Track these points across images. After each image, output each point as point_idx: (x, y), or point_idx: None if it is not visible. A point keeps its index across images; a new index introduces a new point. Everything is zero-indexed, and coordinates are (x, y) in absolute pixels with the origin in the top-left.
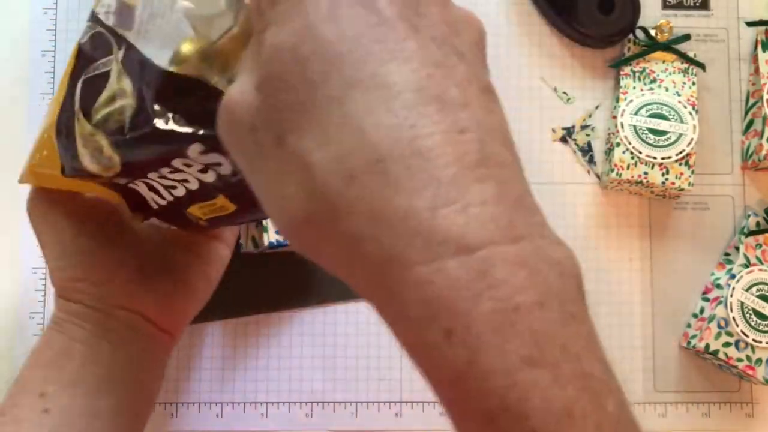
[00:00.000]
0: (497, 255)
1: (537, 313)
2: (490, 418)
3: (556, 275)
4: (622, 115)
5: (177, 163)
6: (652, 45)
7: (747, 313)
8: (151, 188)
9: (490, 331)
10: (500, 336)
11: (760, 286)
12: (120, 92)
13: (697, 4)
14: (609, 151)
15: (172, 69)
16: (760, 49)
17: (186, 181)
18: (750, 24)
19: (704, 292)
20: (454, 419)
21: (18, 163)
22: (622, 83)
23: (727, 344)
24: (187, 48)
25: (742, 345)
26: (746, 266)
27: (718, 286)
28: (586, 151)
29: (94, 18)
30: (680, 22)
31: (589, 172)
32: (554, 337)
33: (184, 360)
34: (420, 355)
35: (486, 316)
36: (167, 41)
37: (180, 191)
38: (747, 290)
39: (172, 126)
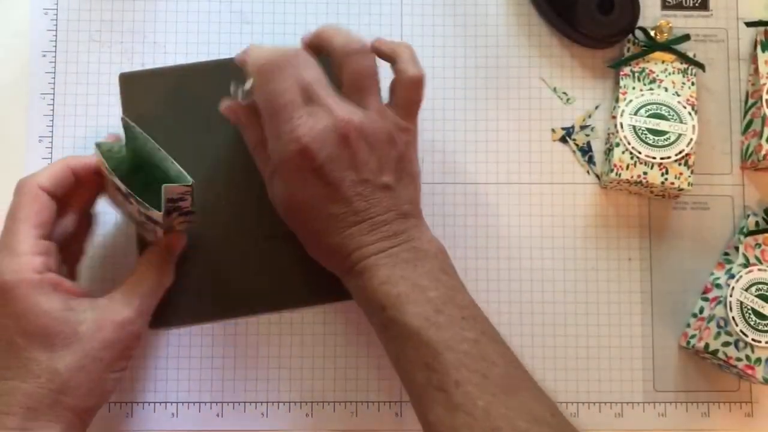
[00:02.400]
0: (373, 259)
1: (383, 268)
2: (372, 309)
3: (411, 255)
4: (621, 115)
5: None
6: (651, 45)
7: (746, 312)
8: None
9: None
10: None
11: (760, 286)
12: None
13: (697, 5)
14: (608, 151)
15: None
16: (759, 49)
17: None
18: (749, 24)
19: (703, 292)
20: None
21: (18, 162)
22: (621, 83)
23: (726, 344)
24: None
25: (741, 344)
26: (745, 266)
27: (718, 286)
28: (586, 151)
29: None
30: (680, 22)
31: (588, 172)
32: (397, 275)
33: (185, 360)
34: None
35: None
36: None
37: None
38: (746, 290)
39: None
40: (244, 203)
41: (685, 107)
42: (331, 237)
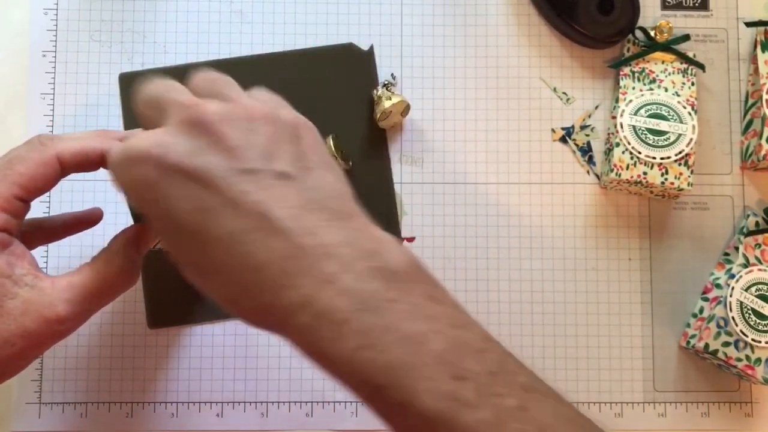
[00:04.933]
0: (323, 300)
1: (351, 317)
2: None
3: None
4: (621, 115)
5: None
6: (651, 45)
7: (746, 312)
8: None
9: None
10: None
11: (760, 286)
12: None
13: (697, 5)
14: (608, 152)
15: None
16: (759, 49)
17: None
18: (749, 24)
19: (703, 292)
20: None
21: None
22: (621, 83)
23: (726, 344)
24: None
25: (741, 345)
26: (745, 266)
27: (718, 286)
28: (586, 151)
29: None
30: (680, 22)
31: (588, 172)
32: (372, 322)
33: (185, 360)
34: (317, 353)
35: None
36: None
37: None
38: (746, 290)
39: None
40: None
41: (685, 107)
42: (239, 273)
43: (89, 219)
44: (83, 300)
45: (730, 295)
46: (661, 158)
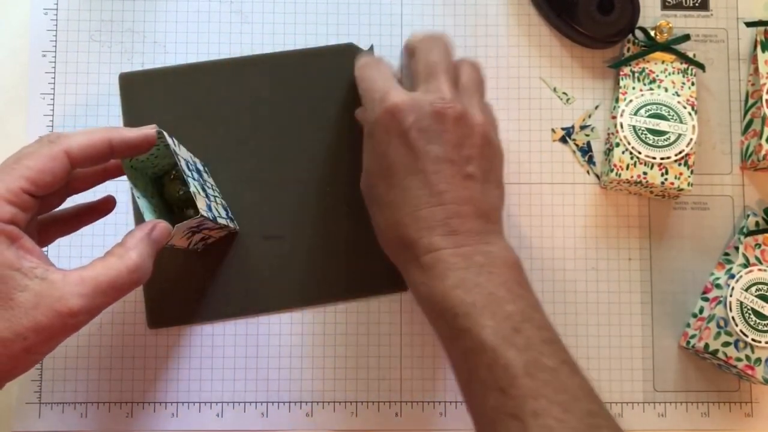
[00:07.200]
0: (444, 253)
1: (456, 269)
2: (440, 313)
3: (485, 259)
4: (621, 115)
5: None
6: (651, 45)
7: (746, 312)
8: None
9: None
10: (443, 278)
11: (759, 286)
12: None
13: (697, 5)
14: (608, 152)
15: None
16: (759, 49)
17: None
18: (749, 24)
19: (704, 292)
20: (429, 317)
21: None
22: (621, 83)
23: (726, 344)
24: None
25: (741, 345)
26: (745, 266)
27: (718, 286)
28: (586, 151)
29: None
30: (680, 22)
31: (588, 172)
32: (471, 280)
33: (185, 360)
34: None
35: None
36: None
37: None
38: (746, 290)
39: None
40: (245, 202)
41: (685, 107)
42: (403, 214)
43: (103, 207)
44: (95, 294)
45: (730, 295)
46: (661, 158)
